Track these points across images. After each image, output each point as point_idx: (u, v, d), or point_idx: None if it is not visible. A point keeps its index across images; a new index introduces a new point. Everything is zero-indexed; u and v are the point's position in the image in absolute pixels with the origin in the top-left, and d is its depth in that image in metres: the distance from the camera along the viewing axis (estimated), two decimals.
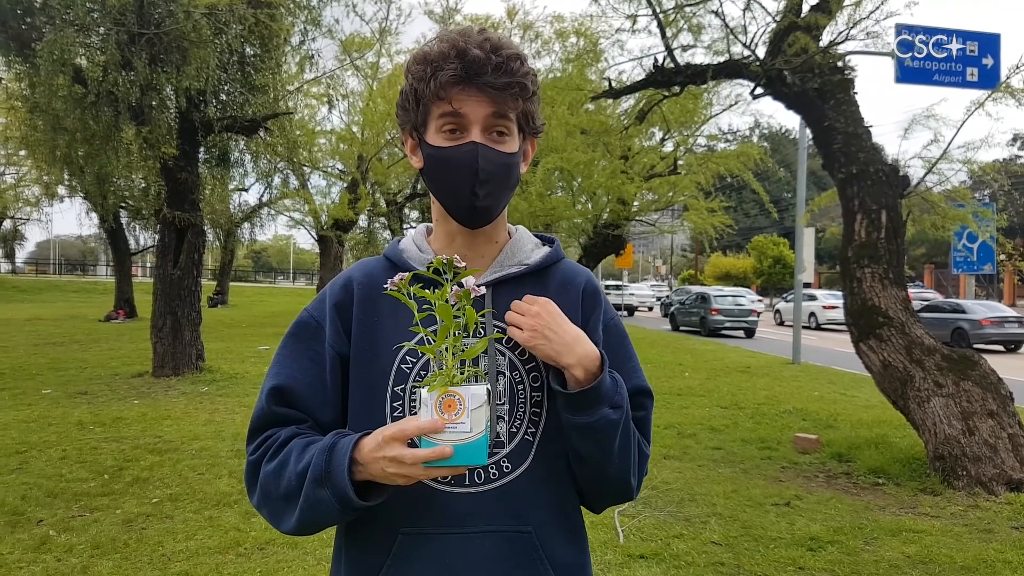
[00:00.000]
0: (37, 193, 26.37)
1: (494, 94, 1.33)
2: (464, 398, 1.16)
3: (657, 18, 8.33)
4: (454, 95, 1.33)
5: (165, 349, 11.91)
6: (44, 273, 62.61)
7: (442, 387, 1.17)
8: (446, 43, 1.34)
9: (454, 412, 1.16)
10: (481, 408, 1.16)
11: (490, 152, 1.35)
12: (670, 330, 28.72)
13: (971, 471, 6.32)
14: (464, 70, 1.31)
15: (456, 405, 1.16)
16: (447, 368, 1.21)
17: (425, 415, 1.17)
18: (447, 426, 1.16)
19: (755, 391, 12.27)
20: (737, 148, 19.27)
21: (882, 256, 7.01)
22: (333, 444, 1.26)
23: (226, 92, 12.41)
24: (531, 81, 1.38)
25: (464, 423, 1.16)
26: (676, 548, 5.04)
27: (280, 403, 1.39)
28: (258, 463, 1.35)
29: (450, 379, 1.19)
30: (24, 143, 15.01)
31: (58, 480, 6.31)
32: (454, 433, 1.16)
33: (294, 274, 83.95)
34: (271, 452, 1.34)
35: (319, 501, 1.24)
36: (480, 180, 1.35)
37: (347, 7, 18.82)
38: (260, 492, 1.35)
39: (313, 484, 1.24)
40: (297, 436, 1.35)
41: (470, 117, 1.34)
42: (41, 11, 10.54)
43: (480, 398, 1.17)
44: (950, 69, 8.61)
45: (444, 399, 1.16)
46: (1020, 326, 22.05)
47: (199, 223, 12.40)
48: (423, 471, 1.18)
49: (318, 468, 1.24)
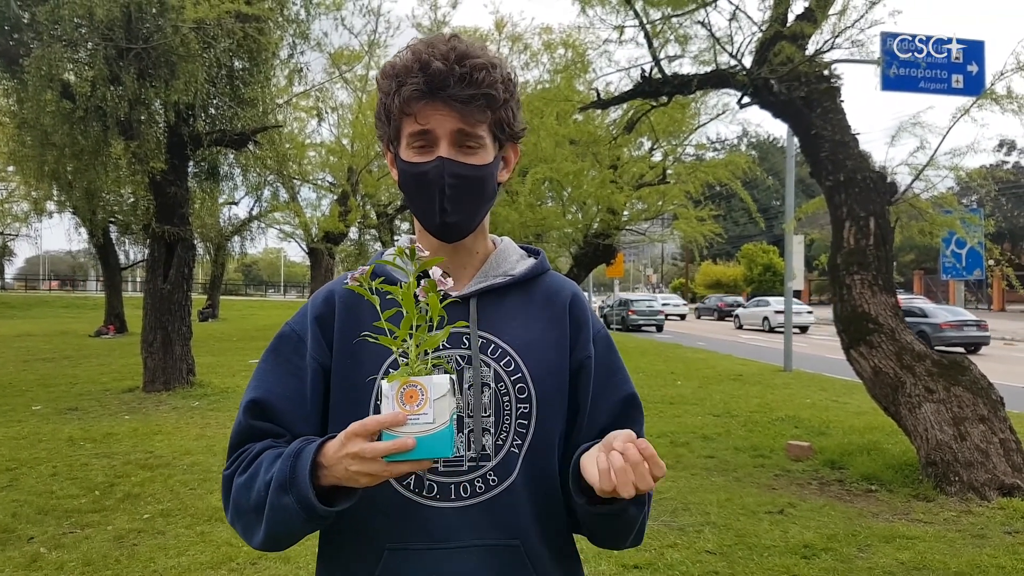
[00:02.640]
0: (26, 209, 26.20)
1: (459, 107, 1.30)
2: (426, 388, 1.11)
3: (644, 29, 8.36)
4: (419, 110, 1.30)
5: (156, 364, 11.85)
6: (34, 289, 62.32)
7: (402, 377, 1.12)
8: (411, 54, 1.31)
9: (416, 403, 1.10)
10: (444, 398, 1.11)
11: (456, 167, 1.32)
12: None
13: (963, 476, 6.34)
14: (426, 83, 1.28)
15: (418, 396, 1.11)
16: (410, 359, 1.16)
17: (386, 408, 1.12)
18: (409, 418, 1.10)
19: (747, 399, 12.28)
20: (725, 157, 19.32)
21: (871, 263, 7.04)
22: (299, 450, 1.21)
23: (215, 106, 12.41)
24: (501, 89, 1.33)
25: (427, 414, 1.10)
26: (670, 558, 5.03)
27: (257, 417, 1.36)
28: (231, 477, 1.32)
29: (412, 370, 1.14)
30: (12, 159, 14.93)
31: (49, 497, 6.27)
32: (416, 425, 1.10)
33: (285, 287, 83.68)
34: (243, 465, 1.30)
35: (283, 509, 1.19)
36: (447, 196, 1.32)
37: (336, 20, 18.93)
38: (232, 506, 1.31)
39: (277, 491, 1.19)
40: (271, 448, 1.30)
41: (437, 132, 1.31)
42: (29, 27, 10.53)
43: (443, 387, 1.11)
44: (935, 76, 8.69)
45: (405, 390, 1.11)
46: (979, 329, 22.62)
47: (189, 237, 12.36)
48: (386, 467, 1.11)
49: (282, 474, 1.19)
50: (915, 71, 8.60)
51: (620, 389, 1.46)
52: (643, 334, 32.22)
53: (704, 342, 26.86)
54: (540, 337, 1.40)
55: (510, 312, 1.42)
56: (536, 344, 1.40)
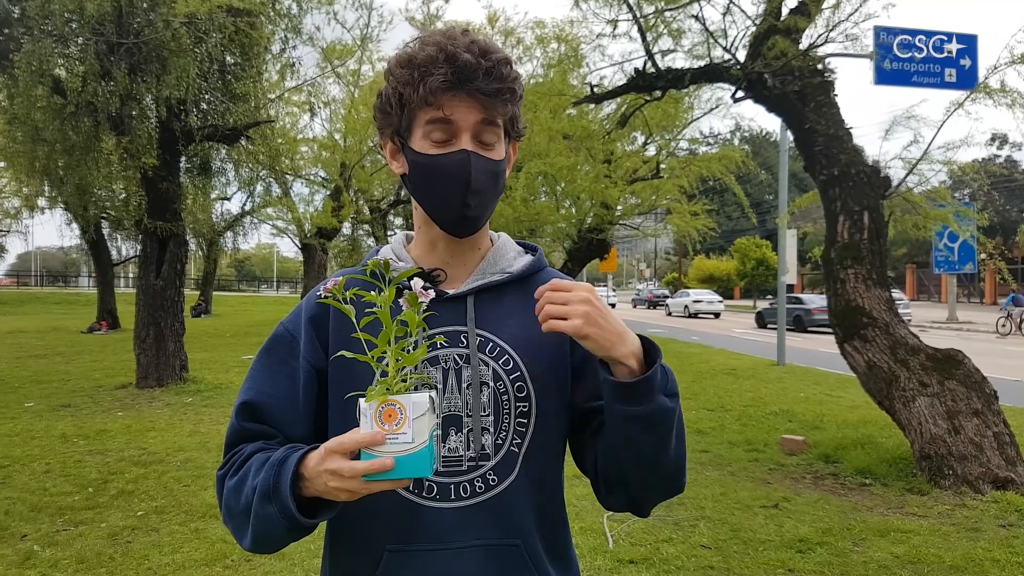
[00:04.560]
0: (17, 205, 26.12)
1: (484, 100, 1.29)
2: (405, 407, 1.10)
3: (638, 23, 8.34)
4: (444, 101, 1.29)
5: (149, 360, 11.82)
6: (25, 285, 62.07)
7: (381, 396, 1.11)
8: (432, 46, 1.29)
9: (395, 422, 1.09)
10: (424, 416, 1.10)
11: (481, 161, 1.32)
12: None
13: (957, 470, 6.36)
14: (455, 75, 1.27)
15: (397, 415, 1.10)
16: (389, 376, 1.14)
17: (365, 426, 1.11)
18: (388, 437, 1.09)
19: (741, 393, 12.30)
20: (719, 151, 19.31)
21: (865, 257, 7.05)
22: (284, 458, 1.21)
23: (207, 101, 12.36)
24: (519, 85, 1.35)
25: (406, 433, 1.09)
26: (666, 552, 5.04)
27: (249, 419, 1.36)
28: (223, 478, 1.32)
29: (391, 388, 1.13)
30: (3, 155, 14.86)
31: (42, 494, 6.25)
32: (395, 444, 1.09)
33: (278, 283, 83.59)
34: (234, 467, 1.31)
35: (268, 517, 1.19)
36: (472, 190, 1.31)
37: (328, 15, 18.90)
38: (224, 508, 1.31)
39: (262, 500, 1.20)
40: (261, 451, 1.30)
41: (460, 124, 1.30)
42: (19, 22, 10.47)
43: (422, 406, 1.10)
44: (928, 70, 8.68)
45: (384, 409, 1.10)
46: None
47: (181, 233, 12.32)
48: (364, 485, 1.11)
49: (266, 483, 1.19)
50: (908, 65, 8.59)
51: None
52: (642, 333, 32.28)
53: (698, 336, 26.89)
54: (539, 335, 1.38)
55: (508, 310, 1.41)
56: (535, 342, 1.38)
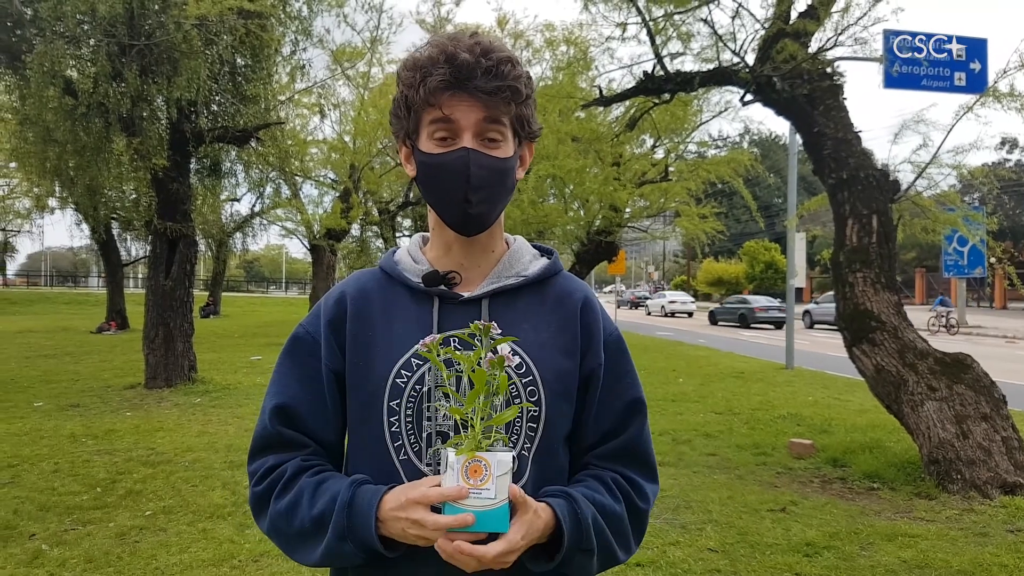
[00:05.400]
0: (28, 205, 26.25)
1: (484, 99, 1.31)
2: (490, 464, 1.15)
3: (647, 26, 8.34)
4: (444, 101, 1.31)
5: (157, 360, 11.86)
6: (35, 285, 62.32)
7: (469, 452, 1.15)
8: (435, 48, 1.32)
9: (479, 478, 1.14)
10: (506, 475, 1.15)
11: (482, 158, 1.33)
12: None
13: (965, 475, 6.33)
14: (453, 75, 1.29)
15: (482, 471, 1.15)
16: (474, 432, 1.19)
17: (451, 479, 1.15)
18: (471, 492, 1.14)
19: (749, 396, 12.27)
20: (727, 154, 19.30)
21: (874, 261, 7.03)
22: (351, 499, 1.27)
23: (217, 102, 12.41)
24: (524, 84, 1.35)
25: (489, 489, 1.14)
26: (672, 555, 5.03)
27: (285, 423, 1.38)
28: (265, 497, 1.36)
29: (477, 443, 1.17)
30: (14, 155, 14.98)
31: (50, 494, 6.27)
32: (478, 499, 1.14)
33: (286, 284, 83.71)
34: (279, 488, 1.34)
35: (344, 554, 1.27)
36: (472, 186, 1.33)
37: (338, 17, 18.92)
38: (270, 525, 1.36)
39: (336, 539, 1.26)
40: (305, 471, 1.35)
41: (461, 123, 1.32)
42: (31, 23, 10.52)
43: (506, 464, 1.15)
44: (938, 74, 8.66)
45: (471, 464, 1.15)
46: (780, 312, 32.59)
47: (191, 234, 12.36)
48: (443, 536, 1.17)
49: (340, 525, 1.25)
50: (917, 69, 8.56)
51: (626, 394, 1.46)
52: (644, 332, 32.22)
53: (705, 339, 26.85)
54: (551, 340, 1.40)
55: (522, 314, 1.42)
56: (547, 346, 1.40)
